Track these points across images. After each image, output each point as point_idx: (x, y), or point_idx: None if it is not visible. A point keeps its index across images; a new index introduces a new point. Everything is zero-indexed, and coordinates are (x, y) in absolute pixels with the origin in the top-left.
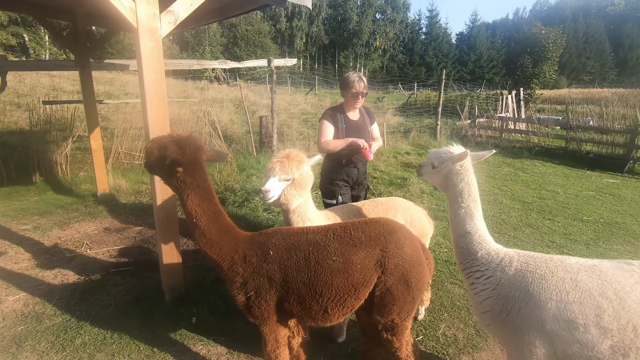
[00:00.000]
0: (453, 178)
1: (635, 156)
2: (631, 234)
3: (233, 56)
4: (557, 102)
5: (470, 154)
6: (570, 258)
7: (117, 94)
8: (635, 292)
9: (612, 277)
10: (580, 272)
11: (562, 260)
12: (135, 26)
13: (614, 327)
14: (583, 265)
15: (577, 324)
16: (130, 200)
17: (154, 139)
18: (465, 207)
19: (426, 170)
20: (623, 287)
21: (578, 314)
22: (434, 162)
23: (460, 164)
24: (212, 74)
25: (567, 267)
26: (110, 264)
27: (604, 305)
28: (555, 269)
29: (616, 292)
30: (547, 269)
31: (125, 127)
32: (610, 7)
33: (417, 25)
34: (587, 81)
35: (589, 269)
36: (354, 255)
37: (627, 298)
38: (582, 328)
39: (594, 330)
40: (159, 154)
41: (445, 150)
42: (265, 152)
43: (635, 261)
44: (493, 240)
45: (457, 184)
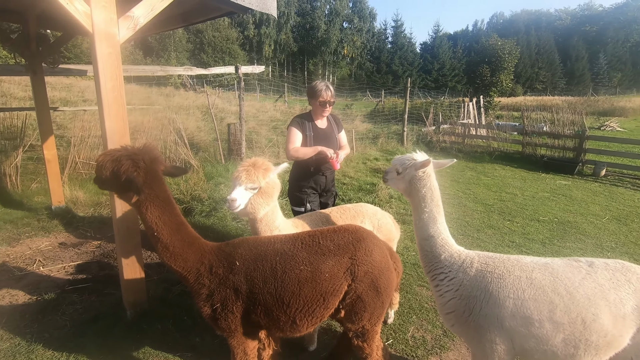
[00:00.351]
0: (416, 184)
1: (584, 159)
2: (582, 232)
3: (200, 62)
4: (514, 109)
5: (432, 162)
6: (525, 257)
7: (75, 100)
8: (583, 287)
9: (562, 274)
10: (535, 270)
11: (518, 260)
12: (90, 31)
13: (565, 321)
14: (537, 264)
15: (533, 320)
16: (88, 213)
17: (106, 152)
18: (429, 211)
19: (391, 177)
20: (572, 283)
21: (533, 310)
22: (398, 169)
23: (422, 171)
24: (178, 80)
25: (523, 266)
26: (65, 281)
27: (556, 300)
28: (512, 268)
29: (566, 287)
30: (505, 268)
31: (83, 135)
32: (558, 21)
33: (383, 35)
34: (540, 89)
35: (542, 267)
36: (322, 264)
37: (576, 293)
38: (537, 323)
39: (548, 325)
40: (113, 169)
41: (408, 157)
42: (234, 160)
43: (582, 258)
44: (455, 243)
45: (420, 190)
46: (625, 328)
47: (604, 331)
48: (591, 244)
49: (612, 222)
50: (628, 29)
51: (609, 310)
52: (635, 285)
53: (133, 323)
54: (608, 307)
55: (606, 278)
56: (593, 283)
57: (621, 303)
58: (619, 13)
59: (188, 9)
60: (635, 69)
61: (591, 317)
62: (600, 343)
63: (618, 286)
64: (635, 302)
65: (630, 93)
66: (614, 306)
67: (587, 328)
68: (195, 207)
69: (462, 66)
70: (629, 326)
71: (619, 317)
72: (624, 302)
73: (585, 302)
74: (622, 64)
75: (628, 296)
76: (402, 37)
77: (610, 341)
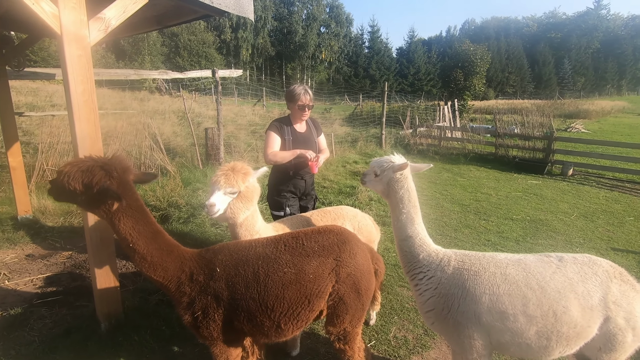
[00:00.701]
0: (394, 186)
1: (552, 159)
2: (552, 229)
3: (175, 66)
4: (487, 112)
5: (410, 165)
6: (500, 254)
7: (42, 105)
8: (554, 281)
9: (534, 269)
10: (509, 266)
11: (493, 257)
12: (59, 33)
13: (538, 314)
14: (510, 260)
15: (508, 314)
16: (58, 223)
17: (72, 163)
18: (406, 212)
19: (369, 179)
20: (544, 277)
21: (508, 304)
22: (376, 171)
23: (400, 173)
24: (153, 84)
25: (497, 263)
26: (34, 295)
27: (529, 295)
28: (487, 265)
29: (538, 282)
30: (481, 265)
31: (51, 141)
32: (526, 28)
33: (360, 40)
34: (510, 93)
35: (515, 263)
36: (306, 266)
37: (548, 287)
38: (512, 317)
39: (522, 319)
40: (84, 181)
41: (386, 159)
42: (212, 164)
43: (553, 253)
44: (433, 242)
45: (398, 191)
46: (593, 319)
47: (573, 322)
48: (561, 241)
49: (579, 219)
50: (589, 36)
51: (578, 303)
52: (601, 278)
53: (108, 336)
54: (577, 299)
55: (575, 272)
56: (563, 277)
57: (589, 295)
58: (581, 21)
59: (162, 12)
60: (597, 73)
61: (562, 309)
62: (571, 334)
63: (586, 279)
64: (602, 294)
65: (593, 96)
66: (583, 298)
67: (558, 320)
68: (172, 214)
69: (436, 70)
70: (596, 317)
71: (587, 309)
72: (591, 294)
73: (556, 295)
74: (585, 69)
75: (595, 288)
76: (378, 42)
77: (580, 332)
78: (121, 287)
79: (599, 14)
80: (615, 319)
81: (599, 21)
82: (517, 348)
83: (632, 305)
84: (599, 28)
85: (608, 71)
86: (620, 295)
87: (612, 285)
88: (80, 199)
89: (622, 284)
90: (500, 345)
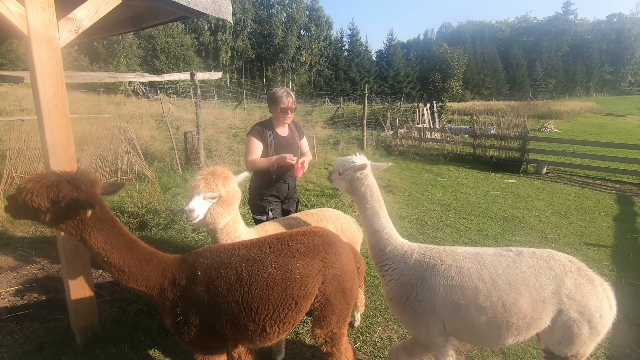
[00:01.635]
0: (355, 184)
1: (527, 159)
2: (529, 226)
3: (152, 69)
4: (464, 113)
5: (370, 164)
6: (460, 248)
7: (11, 109)
8: (506, 274)
9: (489, 262)
10: (465, 259)
11: (453, 250)
12: (26, 34)
13: (487, 305)
14: (469, 254)
15: (460, 304)
16: (28, 233)
17: (34, 178)
18: (371, 207)
19: (334, 177)
20: (496, 270)
21: (460, 295)
22: (339, 170)
23: (361, 172)
24: (130, 87)
25: (455, 256)
26: (2, 309)
27: (480, 286)
28: (445, 258)
29: (490, 275)
30: (439, 258)
31: (20, 147)
32: (500, 32)
33: (340, 42)
34: (486, 95)
35: (472, 256)
36: (292, 267)
37: (499, 279)
38: (463, 307)
39: (472, 309)
40: (49, 196)
41: (348, 159)
42: (192, 169)
43: (514, 248)
44: (399, 236)
45: (360, 188)
46: (545, 311)
47: (523, 313)
48: (537, 237)
49: (554, 216)
50: (559, 40)
51: (529, 295)
52: (555, 272)
53: (84, 349)
54: (528, 291)
55: (529, 265)
56: (515, 270)
57: (541, 288)
58: (550, 25)
59: (138, 13)
60: (567, 75)
61: (511, 300)
62: (521, 324)
63: (539, 272)
64: (555, 287)
65: (564, 98)
66: (534, 290)
67: (507, 311)
68: (151, 220)
69: (415, 73)
70: (548, 309)
71: (538, 301)
72: (543, 287)
73: (506, 287)
74: (555, 71)
75: (548, 281)
76: (358, 45)
77: (530, 322)
78: (97, 297)
79: (567, 18)
80: (569, 312)
81: (568, 26)
82: (470, 335)
83: (587, 298)
84: (568, 32)
85: (577, 73)
86: (575, 288)
87: (566, 278)
88: (45, 216)
89: (578, 278)
90: (455, 332)
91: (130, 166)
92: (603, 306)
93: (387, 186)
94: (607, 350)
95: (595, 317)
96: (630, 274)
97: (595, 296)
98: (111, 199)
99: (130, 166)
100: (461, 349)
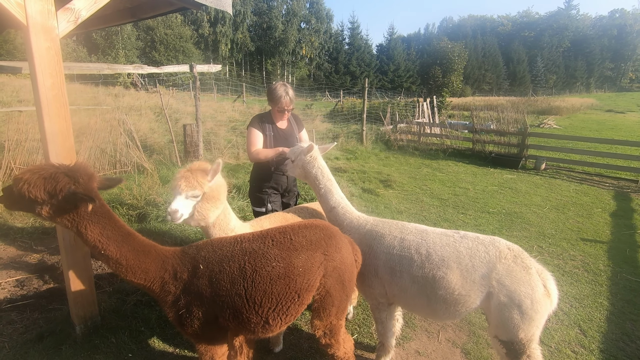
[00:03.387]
0: (307, 167)
1: (526, 154)
2: (526, 222)
3: (151, 61)
4: (464, 108)
5: (316, 147)
6: (410, 224)
7: (8, 100)
8: (442, 251)
9: (430, 239)
10: (410, 234)
11: (403, 225)
12: (24, 24)
13: (419, 274)
14: (416, 229)
15: (396, 271)
16: (28, 224)
17: (32, 170)
18: (324, 186)
19: (289, 167)
20: (434, 246)
21: (397, 263)
22: (291, 157)
23: (310, 155)
24: (128, 79)
25: (403, 230)
26: (2, 299)
27: (415, 257)
28: (393, 230)
29: (428, 249)
30: (388, 230)
31: (19, 138)
32: (501, 27)
33: (340, 36)
34: (487, 90)
35: (418, 232)
36: (295, 260)
37: (434, 254)
38: (399, 274)
39: (406, 277)
40: (46, 188)
41: (298, 146)
42: (191, 161)
43: (461, 231)
44: (355, 210)
45: (311, 171)
46: (473, 290)
47: (451, 288)
48: (535, 232)
49: (552, 211)
50: (560, 35)
51: (460, 273)
52: (490, 256)
53: (83, 339)
54: (459, 269)
55: (467, 247)
56: (452, 249)
57: (473, 269)
58: (552, 20)
59: (137, 3)
60: (568, 71)
61: (441, 274)
62: (448, 298)
63: (474, 255)
64: (486, 270)
65: (564, 94)
66: (466, 270)
67: (436, 282)
68: (150, 213)
69: (416, 67)
70: (477, 289)
71: (468, 280)
72: (475, 269)
73: (439, 262)
74: (556, 67)
75: (481, 264)
76: (358, 38)
77: (458, 298)
78: (97, 288)
79: (569, 14)
80: (498, 296)
81: (569, 21)
82: (405, 302)
83: (517, 285)
84: (569, 27)
85: (578, 69)
86: (506, 274)
87: (498, 264)
88: (41, 208)
89: (512, 265)
90: (394, 297)
91: (129, 158)
92: (535, 293)
93: (386, 180)
94: (600, 344)
95: (526, 302)
96: (626, 269)
97: (528, 283)
98: (110, 191)
99: (129, 158)
100: (457, 341)
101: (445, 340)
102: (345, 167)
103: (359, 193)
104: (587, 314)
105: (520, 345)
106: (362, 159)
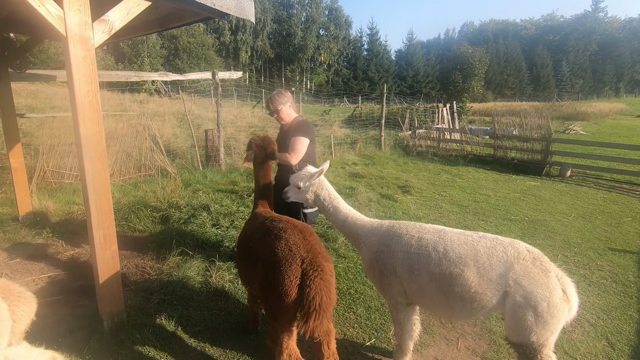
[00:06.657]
0: (317, 191)
1: (550, 161)
2: (551, 230)
3: (174, 69)
4: (485, 114)
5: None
6: (428, 224)
7: (42, 107)
8: (460, 249)
9: (448, 237)
10: (428, 233)
11: (421, 225)
12: (64, 35)
13: (437, 271)
14: (434, 229)
15: (414, 269)
16: (59, 223)
17: (254, 138)
18: (332, 206)
19: (293, 194)
20: (451, 245)
21: (415, 261)
22: (298, 184)
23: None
24: (152, 86)
25: (420, 229)
26: (35, 295)
27: (433, 255)
28: (411, 230)
29: (445, 247)
30: (405, 230)
31: (52, 143)
32: (524, 31)
33: (359, 42)
34: (509, 95)
35: (436, 231)
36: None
37: (451, 252)
38: (417, 272)
39: (424, 274)
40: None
41: (304, 172)
42: (212, 166)
43: (481, 232)
44: (365, 217)
45: (320, 194)
46: (490, 289)
47: (468, 285)
48: (559, 241)
49: (577, 220)
50: (587, 39)
51: (477, 270)
52: (508, 256)
53: (110, 334)
54: (476, 267)
55: (485, 246)
56: (470, 247)
57: (490, 268)
58: (578, 24)
59: (164, 14)
60: (595, 76)
61: (458, 272)
62: (465, 295)
63: (492, 254)
64: (503, 270)
65: (591, 99)
66: (482, 268)
67: (453, 280)
68: (173, 215)
69: (435, 73)
70: (494, 288)
71: (485, 278)
72: (493, 268)
73: (457, 259)
74: (582, 71)
75: (498, 264)
76: (377, 44)
77: (474, 296)
78: (123, 286)
79: (596, 16)
80: (514, 296)
81: (597, 24)
82: (422, 299)
83: (534, 286)
84: (597, 31)
85: (606, 73)
86: (523, 274)
87: (516, 264)
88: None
89: (530, 266)
90: (413, 296)
91: (154, 162)
92: (553, 296)
93: (404, 186)
94: (630, 358)
95: (542, 305)
96: None
97: (546, 285)
98: (136, 193)
99: (154, 162)
100: (477, 349)
101: (465, 348)
102: (363, 173)
103: (377, 199)
104: (615, 327)
105: (532, 349)
106: (380, 164)
